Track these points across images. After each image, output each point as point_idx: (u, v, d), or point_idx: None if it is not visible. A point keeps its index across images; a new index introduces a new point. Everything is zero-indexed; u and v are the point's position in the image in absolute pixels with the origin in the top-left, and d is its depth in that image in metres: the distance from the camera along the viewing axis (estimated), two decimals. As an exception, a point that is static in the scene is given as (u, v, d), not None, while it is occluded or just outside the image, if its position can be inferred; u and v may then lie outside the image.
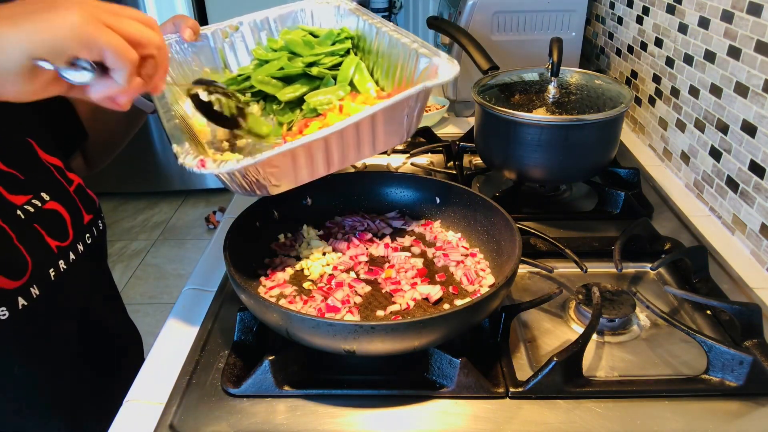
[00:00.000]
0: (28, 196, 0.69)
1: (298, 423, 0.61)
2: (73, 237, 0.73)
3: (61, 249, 0.70)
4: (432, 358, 0.64)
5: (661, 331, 0.73)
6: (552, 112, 0.92)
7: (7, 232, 0.64)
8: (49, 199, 0.71)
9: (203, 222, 3.13)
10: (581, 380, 0.64)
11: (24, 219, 0.67)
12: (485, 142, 1.02)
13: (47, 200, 0.71)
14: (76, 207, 0.75)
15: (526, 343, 0.71)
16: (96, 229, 0.78)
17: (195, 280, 0.85)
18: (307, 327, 0.59)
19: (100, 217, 0.80)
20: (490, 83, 1.03)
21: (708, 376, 0.64)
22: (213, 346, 0.71)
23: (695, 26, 1.02)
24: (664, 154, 1.16)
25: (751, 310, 0.69)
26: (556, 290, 0.73)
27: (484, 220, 0.80)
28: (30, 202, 0.69)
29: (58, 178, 0.75)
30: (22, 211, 0.67)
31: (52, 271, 0.68)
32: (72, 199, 0.75)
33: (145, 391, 0.66)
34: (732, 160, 0.92)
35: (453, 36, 1.18)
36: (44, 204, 0.70)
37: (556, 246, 0.82)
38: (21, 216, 0.67)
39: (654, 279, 0.83)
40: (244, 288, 0.63)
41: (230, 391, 0.64)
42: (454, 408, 0.63)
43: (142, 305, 2.54)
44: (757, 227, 0.86)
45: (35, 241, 0.67)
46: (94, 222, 0.78)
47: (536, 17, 1.32)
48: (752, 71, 0.86)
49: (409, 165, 1.15)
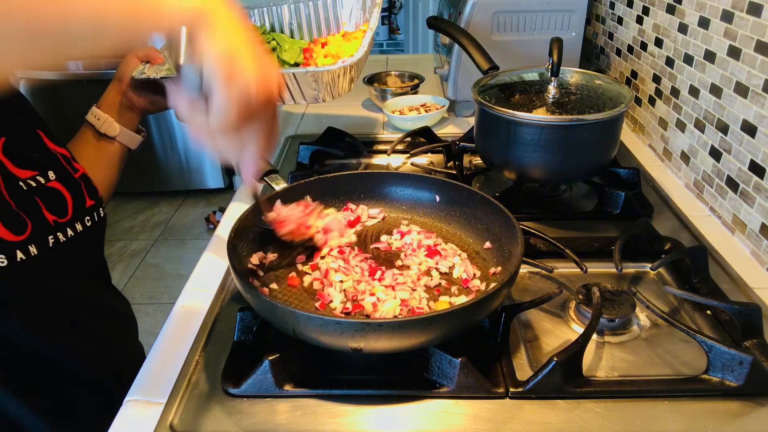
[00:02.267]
0: (34, 172, 0.74)
1: (298, 423, 0.61)
2: (72, 215, 0.77)
3: (59, 224, 0.74)
4: (432, 358, 0.64)
5: (661, 331, 0.73)
6: (552, 112, 0.92)
7: (6, 198, 0.69)
8: (53, 179, 0.76)
9: (203, 222, 3.13)
10: (581, 380, 0.64)
11: (25, 190, 0.72)
12: (485, 142, 1.02)
13: (52, 179, 0.76)
14: (79, 191, 0.79)
15: (526, 343, 0.71)
16: (97, 214, 0.82)
17: (195, 280, 0.85)
18: (314, 326, 0.60)
19: (101, 205, 0.84)
20: (490, 83, 1.03)
21: (708, 376, 0.64)
22: (213, 346, 0.71)
23: (695, 26, 1.02)
24: (664, 154, 1.16)
25: (751, 310, 0.69)
26: (556, 290, 0.73)
27: (485, 218, 0.80)
28: (34, 178, 0.74)
29: (65, 165, 0.80)
30: (25, 183, 0.72)
31: (51, 239, 0.72)
32: (77, 183, 0.80)
33: (145, 391, 0.66)
34: (732, 160, 0.92)
35: (453, 36, 1.18)
36: (48, 182, 0.75)
37: (556, 246, 0.82)
38: (23, 187, 0.72)
39: (654, 279, 0.83)
40: (250, 287, 0.63)
41: (230, 391, 0.64)
42: (454, 408, 0.63)
43: (142, 305, 2.54)
44: (757, 227, 0.86)
45: (33, 211, 0.71)
46: (95, 208, 0.82)
47: (536, 17, 1.32)
48: (752, 71, 0.86)
49: (409, 165, 1.15)
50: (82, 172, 0.82)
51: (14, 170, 0.72)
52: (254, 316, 0.69)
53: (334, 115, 1.49)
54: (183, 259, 2.85)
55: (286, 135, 1.34)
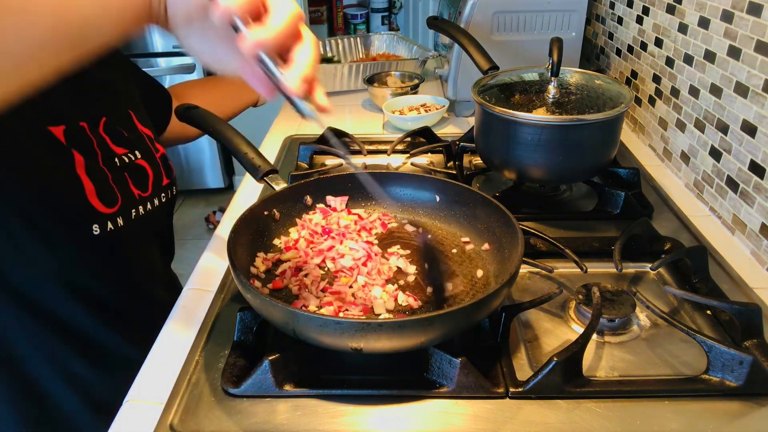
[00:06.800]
0: (126, 150, 0.85)
1: (298, 423, 0.61)
2: (152, 191, 0.87)
3: (142, 197, 0.85)
4: (432, 358, 0.64)
5: (661, 331, 0.73)
6: (552, 112, 0.92)
7: (105, 172, 0.79)
8: (140, 157, 0.86)
9: (203, 222, 3.13)
10: (581, 380, 0.64)
11: (119, 166, 0.82)
12: (485, 142, 1.02)
13: (139, 157, 0.86)
14: (158, 170, 0.90)
15: (526, 343, 0.71)
16: (171, 192, 0.92)
17: (195, 280, 0.85)
18: (314, 326, 0.59)
19: (175, 184, 0.94)
20: (490, 83, 1.03)
21: (708, 376, 0.64)
22: (213, 346, 0.71)
23: (695, 26, 1.02)
24: (664, 154, 1.16)
25: (751, 310, 0.69)
26: (556, 290, 0.73)
27: (485, 218, 0.80)
28: (126, 155, 0.84)
29: (149, 144, 0.90)
30: (119, 159, 0.83)
31: (134, 212, 0.82)
32: (157, 163, 0.90)
33: (145, 391, 0.66)
34: (732, 160, 0.92)
35: (453, 36, 1.19)
36: (136, 160, 0.86)
37: (556, 246, 0.82)
38: (117, 163, 0.82)
39: (654, 279, 0.83)
40: (250, 287, 0.63)
41: (230, 391, 0.64)
42: (454, 408, 0.63)
43: (142, 305, 2.54)
44: (757, 227, 0.86)
45: (123, 185, 0.82)
46: (170, 186, 0.92)
47: (536, 17, 1.32)
48: (752, 71, 0.86)
49: (409, 165, 1.15)
50: (161, 153, 0.92)
51: (113, 147, 0.82)
52: (254, 316, 0.69)
53: (334, 115, 1.49)
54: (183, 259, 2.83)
55: (286, 135, 1.34)
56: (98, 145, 0.80)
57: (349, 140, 1.23)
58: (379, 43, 1.83)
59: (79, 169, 0.75)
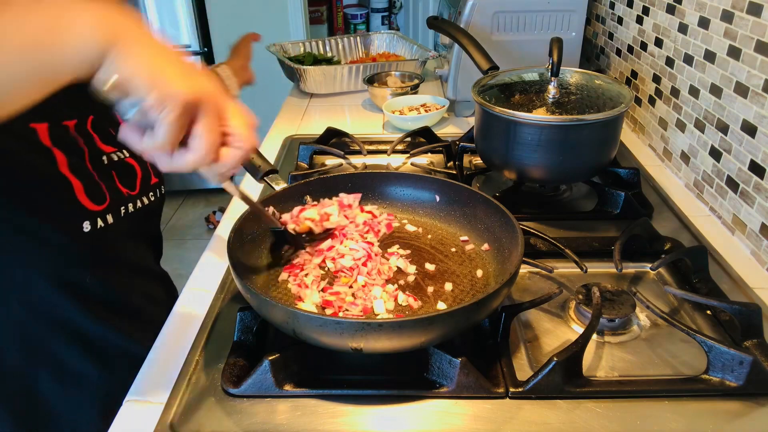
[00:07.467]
0: (114, 148, 0.85)
1: (298, 423, 0.61)
2: (140, 189, 0.87)
3: (131, 195, 0.85)
4: (432, 358, 0.64)
5: (661, 331, 0.73)
6: (552, 112, 0.92)
7: (91, 170, 0.79)
8: (129, 156, 0.86)
9: (203, 222, 3.13)
10: (581, 380, 0.64)
11: (106, 164, 0.82)
12: (485, 142, 1.02)
13: (127, 156, 0.86)
14: (147, 169, 0.90)
15: (526, 343, 0.71)
16: (159, 191, 0.92)
17: (195, 280, 0.85)
18: (314, 326, 0.60)
19: (163, 183, 0.94)
20: (490, 83, 1.03)
21: (708, 376, 0.64)
22: (213, 346, 0.71)
23: (695, 26, 1.02)
24: (664, 154, 1.16)
25: (751, 310, 0.69)
26: (556, 290, 0.73)
27: (485, 218, 0.81)
28: (115, 153, 0.84)
29: None
30: (107, 157, 0.83)
31: (123, 209, 0.82)
32: (145, 162, 0.89)
33: (145, 391, 0.66)
34: (732, 160, 0.92)
35: (453, 36, 1.19)
36: (125, 158, 0.86)
37: (556, 246, 0.82)
38: (105, 161, 0.82)
39: (654, 279, 0.83)
40: (250, 288, 0.63)
41: (230, 391, 0.64)
42: (454, 408, 0.63)
43: (142, 305, 2.54)
44: (757, 227, 0.86)
45: (110, 183, 0.82)
46: (158, 185, 0.92)
47: (536, 17, 1.32)
48: (752, 71, 0.86)
49: (409, 165, 1.15)
50: None
51: (101, 145, 0.82)
52: (254, 316, 0.69)
53: (334, 115, 1.49)
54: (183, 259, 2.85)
55: (286, 135, 1.34)
56: (85, 143, 0.80)
57: (349, 140, 1.23)
58: (379, 43, 1.83)
59: (63, 167, 0.75)
